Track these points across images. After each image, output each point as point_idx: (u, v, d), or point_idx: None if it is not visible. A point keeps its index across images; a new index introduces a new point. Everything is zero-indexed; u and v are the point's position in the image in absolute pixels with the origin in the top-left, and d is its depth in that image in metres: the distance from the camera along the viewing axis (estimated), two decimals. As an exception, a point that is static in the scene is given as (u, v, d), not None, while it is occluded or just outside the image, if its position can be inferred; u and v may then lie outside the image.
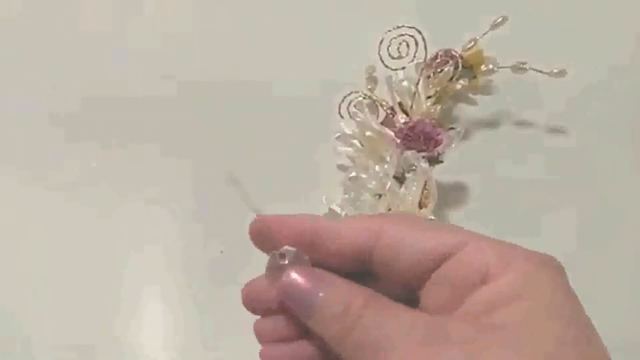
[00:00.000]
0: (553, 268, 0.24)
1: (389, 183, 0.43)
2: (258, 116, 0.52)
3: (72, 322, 0.44)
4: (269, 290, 0.26)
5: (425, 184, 0.44)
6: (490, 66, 0.50)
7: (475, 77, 0.52)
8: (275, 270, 0.26)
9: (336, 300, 0.25)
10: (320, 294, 0.25)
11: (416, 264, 0.25)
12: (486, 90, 0.53)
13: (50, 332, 0.43)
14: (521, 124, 0.52)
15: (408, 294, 0.26)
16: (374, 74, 0.50)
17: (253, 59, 0.56)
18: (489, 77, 0.52)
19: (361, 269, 0.27)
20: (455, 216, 0.48)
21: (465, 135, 0.50)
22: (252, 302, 0.28)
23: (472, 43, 0.50)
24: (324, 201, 0.46)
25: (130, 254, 0.46)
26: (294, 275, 0.25)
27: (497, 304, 0.23)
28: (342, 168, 0.49)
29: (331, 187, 0.48)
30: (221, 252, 0.46)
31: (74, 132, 0.52)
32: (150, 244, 0.47)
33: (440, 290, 0.25)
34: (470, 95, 0.53)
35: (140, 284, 0.45)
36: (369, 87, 0.50)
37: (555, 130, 0.52)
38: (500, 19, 0.49)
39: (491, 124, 0.52)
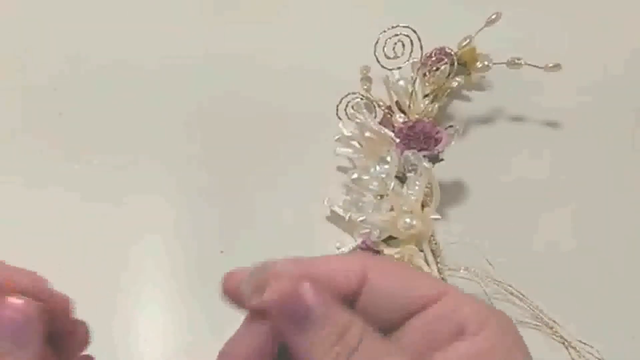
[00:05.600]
0: (515, 333, 0.25)
1: (392, 183, 0.43)
2: (258, 120, 0.52)
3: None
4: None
5: (427, 183, 0.44)
6: (485, 63, 0.51)
7: (469, 74, 0.52)
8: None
9: (335, 322, 0.23)
10: (320, 310, 0.23)
11: (394, 311, 0.25)
12: (480, 86, 0.54)
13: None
14: (516, 119, 0.53)
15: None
16: (369, 74, 0.50)
17: (250, 62, 0.55)
18: (483, 74, 0.52)
19: None
20: (453, 213, 0.48)
21: (462, 132, 0.51)
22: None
23: (468, 40, 0.50)
24: (326, 203, 0.46)
25: (129, 254, 0.46)
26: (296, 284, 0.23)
27: None
28: (342, 170, 0.49)
29: (332, 189, 0.48)
30: (221, 252, 0.45)
31: (74, 129, 0.52)
32: (150, 243, 0.46)
33: (413, 339, 0.24)
34: (464, 92, 0.53)
35: (139, 284, 0.45)
36: (365, 87, 0.50)
37: (551, 126, 0.52)
38: (494, 16, 0.49)
39: (486, 120, 0.53)
